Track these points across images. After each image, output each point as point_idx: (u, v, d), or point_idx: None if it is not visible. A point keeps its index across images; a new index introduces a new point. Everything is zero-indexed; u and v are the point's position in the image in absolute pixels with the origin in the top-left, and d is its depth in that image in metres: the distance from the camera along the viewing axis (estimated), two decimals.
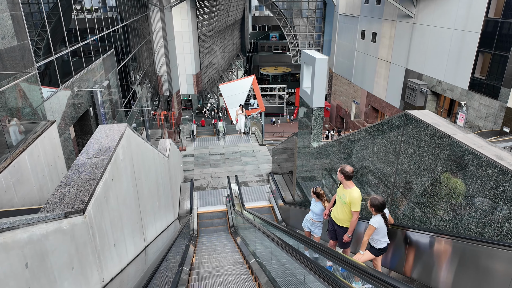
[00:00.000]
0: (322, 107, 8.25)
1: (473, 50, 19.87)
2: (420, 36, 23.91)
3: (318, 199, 5.81)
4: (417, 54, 24.19)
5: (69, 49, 11.97)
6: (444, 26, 21.77)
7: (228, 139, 18.57)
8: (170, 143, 8.97)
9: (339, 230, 5.02)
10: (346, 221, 4.88)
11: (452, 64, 21.50)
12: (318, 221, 5.88)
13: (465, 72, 20.59)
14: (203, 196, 12.76)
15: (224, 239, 9.08)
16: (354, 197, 4.66)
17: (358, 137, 6.11)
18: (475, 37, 19.75)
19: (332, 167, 7.37)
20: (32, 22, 9.80)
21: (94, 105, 13.43)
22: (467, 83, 20.55)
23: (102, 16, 16.34)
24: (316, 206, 5.84)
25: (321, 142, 8.58)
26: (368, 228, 4.22)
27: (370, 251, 4.33)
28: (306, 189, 9.10)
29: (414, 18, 24.31)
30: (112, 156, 3.55)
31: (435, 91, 22.95)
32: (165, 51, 31.65)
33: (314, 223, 5.91)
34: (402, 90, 25.69)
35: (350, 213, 4.79)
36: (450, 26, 21.33)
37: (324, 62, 7.82)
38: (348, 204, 4.74)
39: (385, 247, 4.29)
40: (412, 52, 24.74)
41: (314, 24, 36.83)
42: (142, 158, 5.18)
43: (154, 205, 5.93)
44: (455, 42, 21.02)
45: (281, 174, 12.22)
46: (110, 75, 16.09)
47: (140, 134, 8.93)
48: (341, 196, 4.83)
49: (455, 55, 21.18)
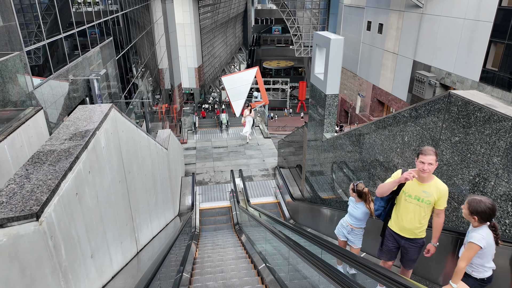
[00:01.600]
0: (337, 94, 7.42)
1: (485, 41, 18.92)
2: (429, 26, 22.93)
3: (359, 199, 4.42)
4: (426, 46, 23.23)
5: (62, 35, 11.14)
6: (455, 16, 20.80)
7: (232, 131, 17.72)
8: (169, 133, 8.17)
9: (408, 245, 3.55)
10: (423, 230, 3.48)
11: (463, 56, 20.56)
12: (359, 227, 4.45)
13: (476, 63, 19.65)
14: (206, 191, 11.98)
15: (228, 238, 8.31)
16: (445, 190, 3.28)
17: (383, 125, 5.29)
18: (487, 27, 18.79)
19: (348, 161, 6.56)
20: (22, 5, 8.99)
21: (90, 95, 12.62)
22: (478, 75, 19.63)
23: (100, 2, 15.44)
24: (356, 208, 4.42)
25: (334, 133, 7.77)
26: (468, 248, 2.81)
27: (467, 282, 2.91)
28: (318, 184, 8.30)
29: (423, 8, 23.32)
30: (90, 142, 2.74)
31: (444, 83, 22.03)
32: (167, 43, 30.75)
33: (352, 230, 4.48)
34: (410, 82, 24.76)
35: (429, 215, 3.43)
36: (461, 16, 20.36)
37: (339, 43, 6.98)
38: (432, 203, 3.33)
39: (490, 276, 2.90)
40: (420, 43, 23.78)
41: (318, 17, 35.81)
42: (134, 147, 4.38)
43: (149, 202, 5.14)
44: (466, 32, 20.06)
45: (288, 168, 11.42)
46: (109, 64, 15.26)
47: (140, 126, 8.11)
48: (418, 196, 3.35)
49: (466, 46, 20.23)
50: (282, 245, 4.64)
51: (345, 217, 4.59)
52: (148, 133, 6.28)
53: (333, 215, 6.98)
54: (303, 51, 36.76)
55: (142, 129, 4.89)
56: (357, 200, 4.44)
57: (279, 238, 4.47)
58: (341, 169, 6.92)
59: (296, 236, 4.41)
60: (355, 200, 4.47)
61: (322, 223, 7.47)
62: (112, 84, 15.62)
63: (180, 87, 35.20)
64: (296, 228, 4.59)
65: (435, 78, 22.31)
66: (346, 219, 4.57)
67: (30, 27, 10.14)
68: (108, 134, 3.26)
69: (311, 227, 8.00)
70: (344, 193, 6.95)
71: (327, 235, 7.24)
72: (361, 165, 6.10)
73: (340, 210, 6.65)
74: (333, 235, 6.70)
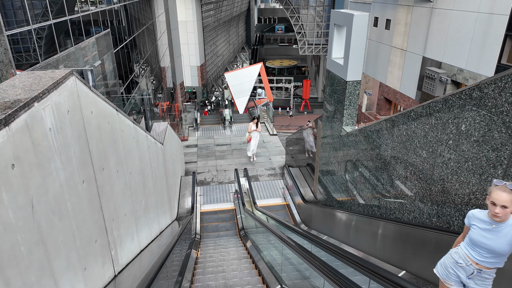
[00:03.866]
0: (359, 81, 6.34)
1: (501, 35, 17.79)
2: (439, 21, 21.79)
3: (498, 215, 2.25)
4: (436, 41, 22.09)
5: (52, 21, 10.09)
6: (468, 9, 19.68)
7: (235, 128, 16.60)
8: (167, 127, 7.09)
9: None
10: None
11: (476, 51, 19.43)
12: (493, 267, 2.40)
13: (491, 58, 18.52)
14: (207, 191, 10.91)
15: (232, 246, 7.22)
16: None
17: (427, 112, 4.19)
18: (503, 20, 17.67)
19: (376, 158, 5.46)
20: None
21: None
22: (493, 70, 18.47)
23: None
24: (496, 234, 2.32)
25: (355, 126, 6.68)
26: None
27: None
28: (334, 185, 7.20)
29: (433, 2, 22.19)
30: (16, 117, 1.67)
31: (455, 80, 20.89)
32: (169, 41, 29.73)
33: (480, 273, 2.41)
34: (419, 79, 23.62)
35: None
36: (474, 9, 19.24)
37: (363, 20, 5.89)
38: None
39: None
40: (430, 39, 22.65)
41: (322, 14, 34.73)
42: (113, 137, 3.30)
43: (136, 208, 4.06)
44: (480, 26, 18.93)
45: (297, 167, 10.33)
46: (105, 57, 14.20)
47: (138, 124, 7.07)
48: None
49: (479, 41, 19.10)
50: (302, 261, 3.57)
51: (462, 249, 2.51)
52: (148, 131, 5.21)
53: (355, 221, 5.90)
54: (307, 49, 35.68)
55: (126, 116, 3.81)
56: (498, 218, 2.26)
57: (301, 255, 3.39)
58: (366, 168, 5.83)
59: (323, 254, 3.33)
60: (487, 217, 2.35)
61: (340, 230, 6.39)
62: (109, 78, 14.57)
63: (182, 86, 34.20)
64: (327, 246, 3.51)
65: (446, 75, 21.21)
66: (464, 251, 2.49)
67: (17, 11, 9.13)
68: (62, 113, 2.18)
69: (327, 234, 6.92)
70: (367, 195, 5.86)
71: (346, 243, 6.17)
72: (393, 162, 5.01)
73: (366, 216, 5.57)
74: (358, 246, 5.62)
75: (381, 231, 5.11)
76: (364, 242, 5.41)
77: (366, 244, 5.36)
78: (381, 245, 5.01)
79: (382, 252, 4.89)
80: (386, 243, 4.88)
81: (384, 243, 4.97)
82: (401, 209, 4.91)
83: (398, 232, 4.70)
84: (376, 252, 5.12)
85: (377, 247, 5.11)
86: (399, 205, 4.97)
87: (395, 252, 4.62)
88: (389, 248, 4.74)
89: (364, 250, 5.46)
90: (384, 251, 4.88)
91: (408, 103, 24.86)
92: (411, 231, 4.41)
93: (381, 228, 5.12)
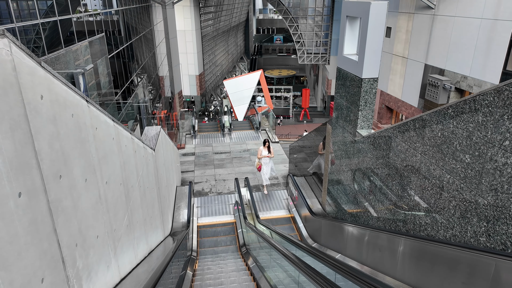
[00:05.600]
0: (376, 78, 5.59)
1: (506, 41, 17.24)
2: (442, 28, 21.29)
3: None
4: (438, 48, 21.55)
5: (40, 20, 9.38)
6: (471, 15, 19.19)
7: (235, 135, 15.77)
8: (160, 131, 6.29)
9: None
10: None
11: (480, 57, 18.86)
12: None
13: (496, 65, 17.97)
14: (205, 203, 10.06)
15: (232, 265, 6.35)
16: None
17: (471, 108, 3.42)
18: (507, 26, 17.16)
19: (400, 165, 4.67)
20: None
21: None
22: (498, 77, 17.92)
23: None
24: None
25: (371, 130, 5.91)
26: None
27: None
28: (346, 195, 6.39)
29: (435, 9, 21.74)
30: None
31: (459, 87, 20.27)
32: (167, 49, 29.17)
33: None
34: (421, 87, 23.02)
35: None
36: (477, 16, 18.74)
37: (382, 10, 5.17)
38: None
39: None
40: (432, 46, 22.12)
41: (321, 24, 34.37)
42: (78, 135, 2.50)
43: (115, 226, 3.24)
44: (484, 32, 18.41)
45: (302, 176, 9.51)
46: (99, 62, 13.48)
47: (133, 131, 6.17)
48: None
49: (484, 47, 18.55)
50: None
51: None
52: (130, 131, 4.43)
53: (375, 238, 5.08)
54: (306, 58, 35.23)
55: (102, 111, 3.01)
56: None
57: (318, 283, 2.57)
58: (387, 176, 5.03)
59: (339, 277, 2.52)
60: None
61: (356, 247, 5.56)
62: (103, 84, 13.82)
63: (180, 95, 33.55)
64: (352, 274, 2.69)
65: (450, 82, 20.61)
66: None
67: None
68: None
69: (339, 251, 6.08)
70: (395, 208, 5.05)
71: (362, 262, 5.34)
72: (423, 169, 4.21)
73: (390, 233, 4.75)
74: (379, 267, 4.79)
75: (409, 251, 4.30)
76: (388, 263, 4.58)
77: (390, 267, 4.53)
78: (411, 268, 4.18)
79: (415, 278, 4.05)
80: (419, 266, 4.06)
81: (414, 266, 4.15)
82: (435, 225, 4.11)
83: (433, 253, 3.88)
84: (403, 276, 4.29)
85: (405, 271, 4.28)
86: (432, 220, 4.16)
87: (431, 279, 3.79)
88: (424, 273, 3.91)
89: (386, 272, 4.63)
90: (416, 276, 4.05)
91: (410, 112, 24.21)
92: (452, 253, 3.60)
93: (409, 248, 4.31)
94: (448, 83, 20.45)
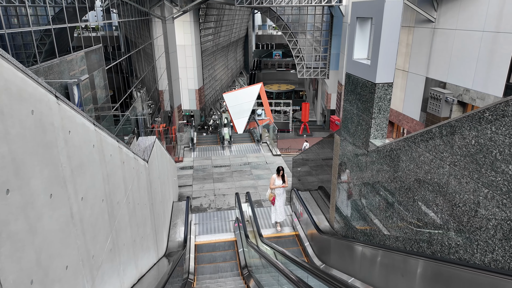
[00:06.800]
0: (391, 83, 5.10)
1: (508, 53, 16.97)
2: (442, 41, 21.08)
3: None
4: (439, 61, 21.30)
5: (32, 28, 8.96)
6: (472, 28, 18.98)
7: (235, 148, 15.21)
8: (154, 142, 5.75)
9: None
10: None
11: (482, 70, 18.56)
12: None
13: (499, 77, 17.62)
14: (204, 219, 9.43)
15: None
16: None
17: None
18: (510, 39, 16.92)
19: (424, 179, 4.12)
20: None
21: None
22: (502, 90, 17.55)
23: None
24: None
25: (386, 140, 5.38)
26: None
27: None
28: (358, 212, 5.81)
29: (435, 22, 21.59)
30: None
31: (462, 100, 19.90)
32: (167, 63, 28.95)
33: None
34: (422, 101, 22.67)
35: None
36: (479, 28, 18.52)
37: (398, 7, 4.71)
38: None
39: None
40: (433, 59, 21.88)
41: (320, 39, 34.37)
42: (41, 139, 1.96)
43: (94, 251, 2.66)
44: (486, 45, 18.15)
45: (307, 190, 8.93)
46: (96, 73, 13.05)
47: (129, 144, 5.61)
48: None
49: (486, 60, 18.27)
50: None
51: None
52: (117, 139, 3.89)
53: (392, 260, 4.50)
54: (306, 73, 35.08)
55: (78, 111, 2.48)
56: None
57: None
58: (407, 190, 4.47)
59: None
60: None
61: (370, 270, 4.95)
62: (100, 96, 13.36)
63: (180, 108, 33.19)
64: None
65: (452, 95, 20.26)
66: None
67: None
68: None
69: (352, 274, 5.46)
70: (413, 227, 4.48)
71: None
72: (453, 182, 3.66)
73: (408, 255, 4.18)
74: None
75: (436, 277, 3.71)
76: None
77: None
78: None
79: None
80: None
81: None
82: (469, 247, 3.53)
83: (468, 280, 3.30)
84: None
85: None
86: (464, 242, 3.59)
87: None
88: None
89: None
90: None
91: (412, 125, 23.81)
92: (493, 281, 3.02)
93: (437, 273, 3.72)
94: (450, 96, 20.09)
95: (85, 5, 13.40)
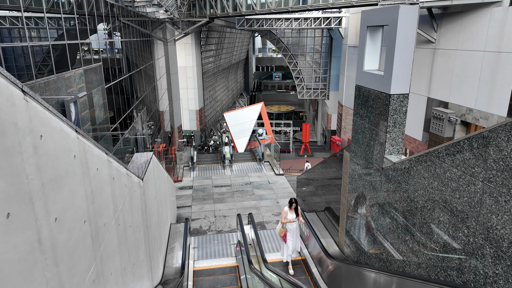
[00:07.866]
0: (407, 94, 4.74)
1: (511, 73, 16.84)
2: (443, 62, 21.01)
3: None
4: (441, 82, 21.15)
5: (29, 43, 8.72)
6: (473, 48, 18.92)
7: (236, 167, 14.74)
8: (151, 158, 5.32)
9: None
10: None
11: (485, 90, 18.36)
12: None
13: (503, 97, 17.39)
14: (203, 243, 8.86)
15: None
16: None
17: None
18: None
19: (451, 196, 3.67)
20: None
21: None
22: (506, 109, 17.31)
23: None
24: None
25: (402, 156, 4.97)
26: None
27: None
28: (373, 236, 5.30)
29: (436, 43, 21.59)
30: None
31: (465, 120, 19.59)
32: (168, 84, 28.93)
33: None
34: (425, 121, 22.38)
35: None
36: (480, 48, 18.45)
37: (413, 13, 4.40)
38: None
39: None
40: (434, 79, 21.75)
41: (320, 61, 34.59)
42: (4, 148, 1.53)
43: (69, 285, 2.17)
44: (488, 65, 18.02)
45: (312, 211, 8.41)
46: (95, 91, 12.78)
47: (127, 164, 5.28)
48: None
49: (488, 79, 18.10)
50: None
51: None
52: (107, 151, 3.47)
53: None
54: (306, 94, 35.09)
55: (56, 114, 2.07)
56: None
57: None
58: (430, 211, 4.00)
59: None
60: None
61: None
62: (98, 114, 13.03)
63: (180, 129, 32.93)
64: None
65: (455, 115, 20.00)
66: None
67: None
68: None
69: None
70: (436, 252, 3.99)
71: None
72: (488, 201, 3.21)
73: (432, 284, 3.67)
74: None
75: None
76: None
77: None
78: None
79: None
80: None
81: None
82: (511, 277, 3.04)
83: None
84: None
85: None
86: (505, 270, 3.10)
87: None
88: None
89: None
90: None
91: (415, 145, 23.43)
92: None
93: None
94: (453, 116, 19.81)
95: (87, 27, 13.30)
